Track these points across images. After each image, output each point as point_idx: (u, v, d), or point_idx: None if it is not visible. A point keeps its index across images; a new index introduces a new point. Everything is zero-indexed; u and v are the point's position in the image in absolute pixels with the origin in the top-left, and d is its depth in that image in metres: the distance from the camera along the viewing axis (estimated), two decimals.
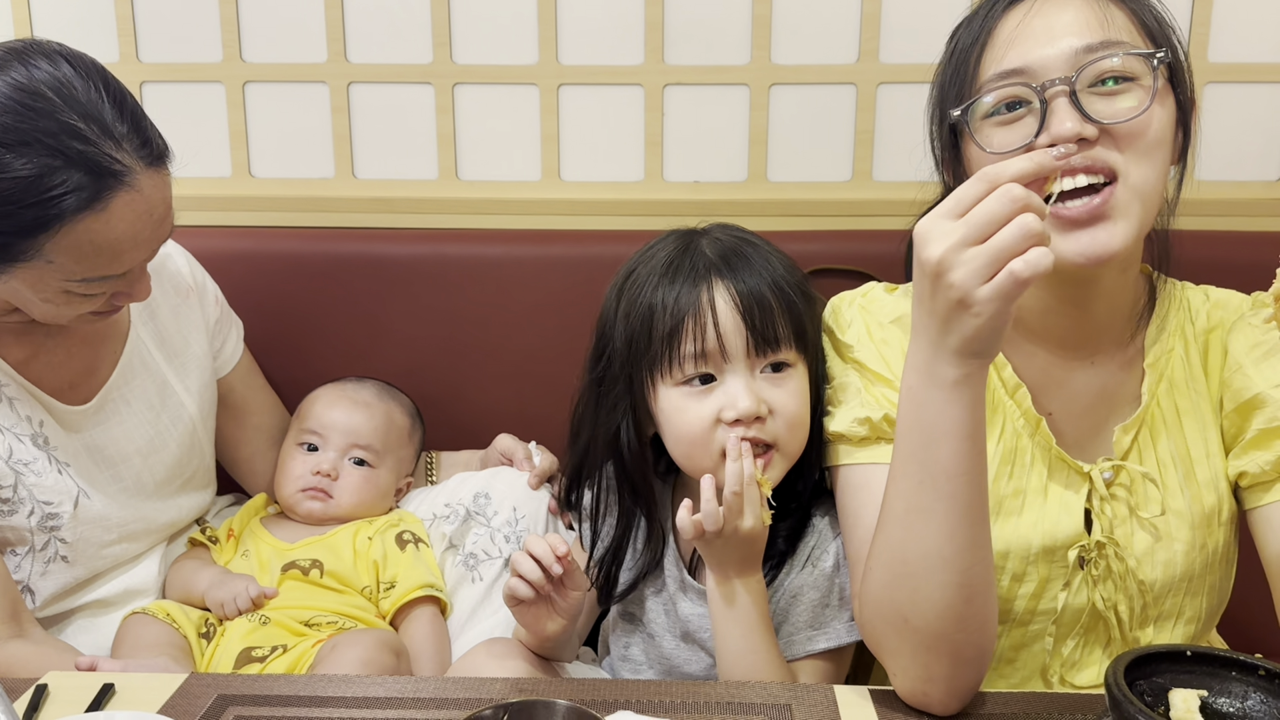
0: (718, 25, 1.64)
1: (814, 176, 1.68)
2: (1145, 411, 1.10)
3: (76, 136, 1.11)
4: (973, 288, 0.85)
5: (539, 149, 1.69)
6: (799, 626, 1.15)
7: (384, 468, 1.47)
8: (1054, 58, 0.98)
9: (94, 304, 1.21)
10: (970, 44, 1.04)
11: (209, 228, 1.67)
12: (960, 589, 0.93)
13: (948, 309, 0.87)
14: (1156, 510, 1.08)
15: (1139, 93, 0.99)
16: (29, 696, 1.01)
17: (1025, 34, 1.00)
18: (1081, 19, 1.00)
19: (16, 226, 1.11)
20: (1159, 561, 1.08)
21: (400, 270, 1.62)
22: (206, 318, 1.48)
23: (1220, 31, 1.61)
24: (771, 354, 1.12)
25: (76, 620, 1.33)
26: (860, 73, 1.64)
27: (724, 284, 1.12)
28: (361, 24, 1.66)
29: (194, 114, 1.70)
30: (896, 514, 0.96)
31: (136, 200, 1.15)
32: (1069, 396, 1.10)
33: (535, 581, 1.08)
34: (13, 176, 1.09)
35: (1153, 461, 1.09)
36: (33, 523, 1.26)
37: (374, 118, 1.70)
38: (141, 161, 1.15)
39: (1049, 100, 0.98)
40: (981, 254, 0.85)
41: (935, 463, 0.92)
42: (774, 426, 1.11)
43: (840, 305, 1.17)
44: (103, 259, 1.15)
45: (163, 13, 1.67)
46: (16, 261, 1.14)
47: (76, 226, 1.12)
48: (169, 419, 1.40)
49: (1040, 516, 1.08)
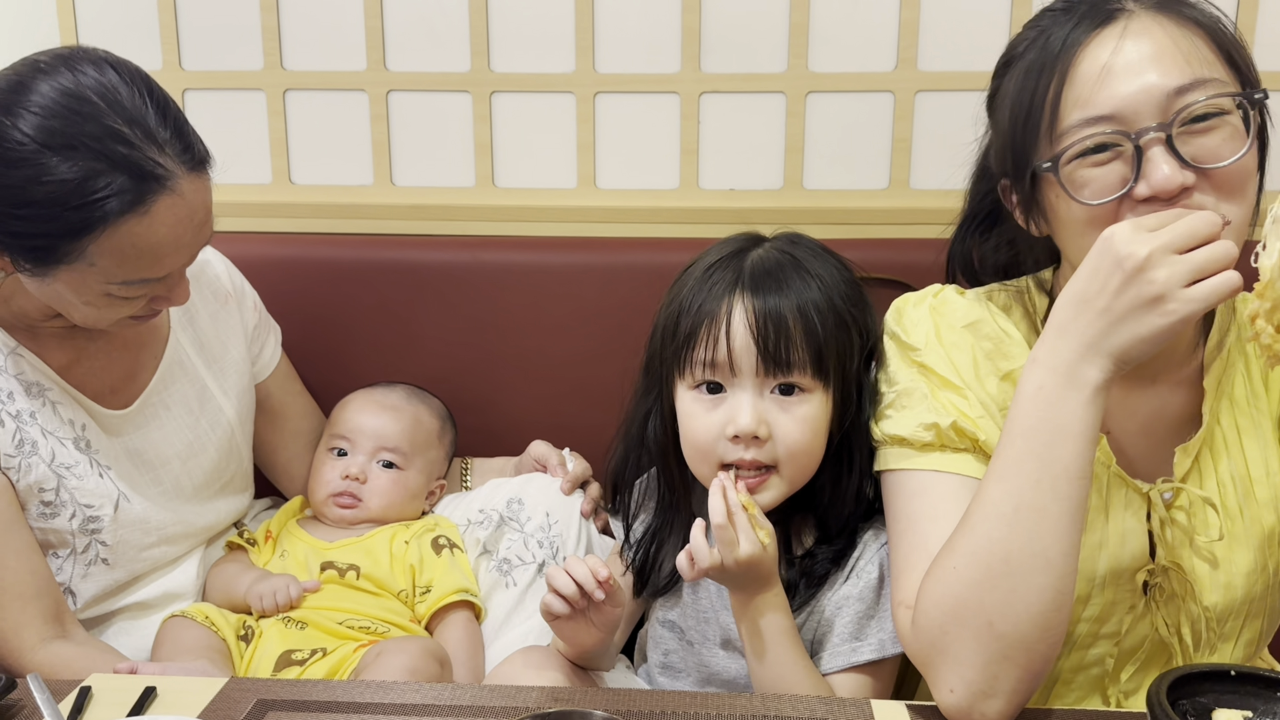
0: (754, 33, 1.64)
1: (850, 184, 1.68)
2: (1206, 432, 1.08)
3: (121, 141, 1.12)
4: (1174, 287, 0.89)
5: (575, 157, 1.70)
6: (843, 638, 1.15)
7: (413, 469, 1.48)
8: (1144, 101, 0.96)
9: (133, 307, 1.22)
10: (1046, 74, 1.00)
11: (249, 234, 1.68)
12: (1056, 594, 0.94)
13: (1136, 305, 0.90)
14: (1215, 535, 1.06)
15: (1228, 128, 0.97)
16: (73, 699, 1.02)
17: (1110, 75, 0.97)
18: (1167, 54, 0.97)
19: (62, 229, 1.13)
20: (1219, 585, 1.07)
21: (437, 277, 1.63)
22: (245, 323, 1.49)
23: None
24: (782, 376, 1.11)
25: (117, 622, 1.34)
26: (898, 80, 1.63)
27: (746, 299, 1.12)
28: (401, 33, 1.68)
29: (235, 121, 1.72)
30: (1003, 512, 0.95)
31: (178, 204, 1.17)
32: (1128, 415, 1.09)
33: (571, 599, 1.09)
34: (59, 179, 1.11)
35: (1213, 483, 1.08)
36: (74, 525, 1.28)
37: (412, 125, 1.71)
38: (184, 166, 1.17)
39: (1144, 149, 0.96)
40: (1189, 260, 0.89)
41: (1057, 462, 0.93)
42: (774, 449, 1.11)
43: (905, 306, 1.15)
44: (144, 262, 1.17)
45: (205, 21, 1.69)
46: (60, 263, 1.15)
47: (119, 229, 1.14)
48: (208, 423, 1.42)
49: (1103, 538, 1.06)
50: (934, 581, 0.98)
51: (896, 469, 1.10)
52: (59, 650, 1.23)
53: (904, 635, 1.03)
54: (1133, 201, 0.97)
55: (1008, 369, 1.09)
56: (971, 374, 1.09)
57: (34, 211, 1.12)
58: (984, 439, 1.06)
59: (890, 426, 1.11)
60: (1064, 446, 0.93)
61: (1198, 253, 0.90)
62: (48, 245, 1.14)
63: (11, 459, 1.24)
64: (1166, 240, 0.90)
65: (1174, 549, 1.06)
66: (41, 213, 1.12)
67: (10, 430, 1.24)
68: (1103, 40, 0.98)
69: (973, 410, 1.07)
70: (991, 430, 1.05)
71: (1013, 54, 1.06)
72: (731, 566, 1.06)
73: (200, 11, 1.69)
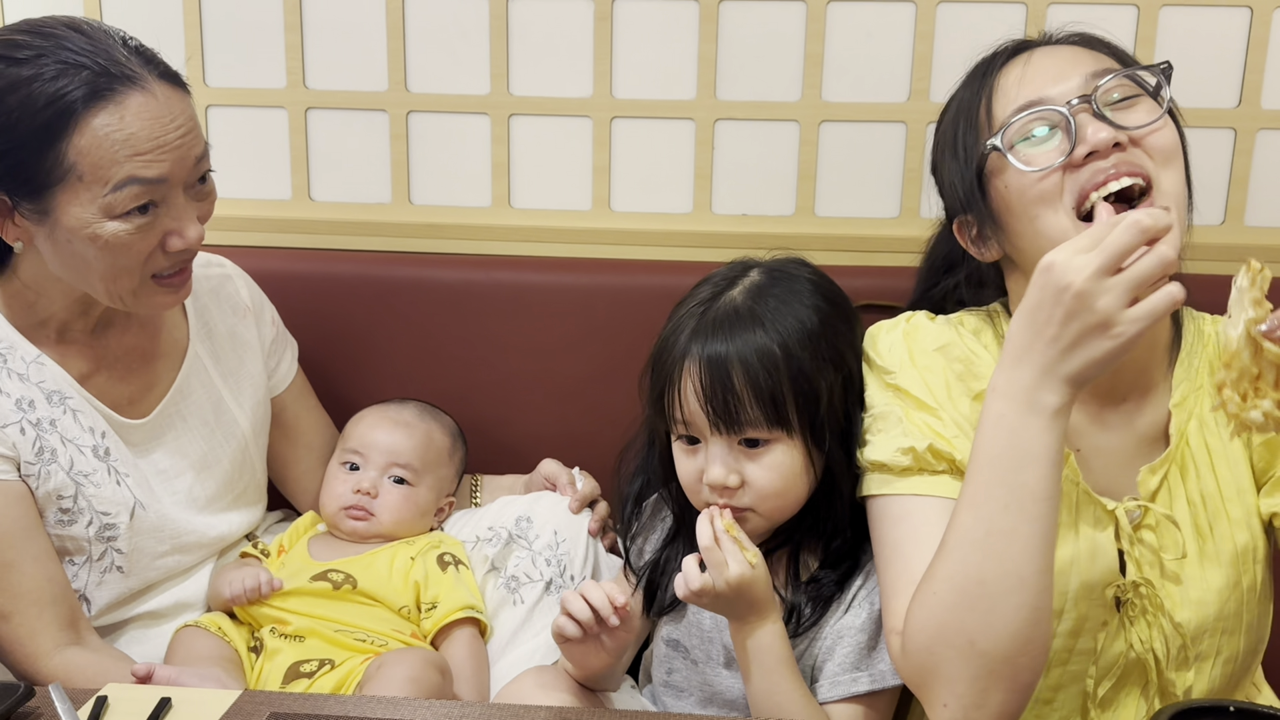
0: (770, 63, 1.66)
1: (862, 212, 1.70)
2: (1174, 452, 1.10)
3: (84, 51, 1.18)
4: (1116, 311, 0.91)
5: (591, 179, 1.72)
6: (843, 668, 1.16)
7: (423, 486, 1.50)
8: (1065, 88, 1.06)
9: (146, 241, 1.22)
10: (974, 97, 1.11)
11: (268, 248, 1.71)
12: (1033, 611, 0.96)
13: (1083, 333, 0.92)
14: (1178, 553, 1.08)
15: (1146, 103, 1.07)
16: (90, 707, 1.04)
17: (1030, 77, 1.08)
18: (1078, 58, 1.08)
19: (37, 136, 1.16)
20: (1191, 602, 1.08)
21: (452, 295, 1.65)
22: (263, 338, 1.51)
23: (1274, 77, 1.61)
24: (737, 433, 1.14)
25: (129, 631, 1.36)
26: (911, 111, 1.66)
27: (694, 361, 1.14)
28: (422, 55, 1.70)
29: (257, 137, 1.75)
30: (975, 537, 0.97)
31: (150, 103, 1.19)
32: (1096, 434, 1.11)
33: (585, 623, 1.11)
34: (25, 90, 1.16)
35: (1182, 501, 1.10)
36: (91, 533, 1.30)
37: (431, 146, 1.74)
38: (152, 72, 1.21)
39: (1075, 115, 1.04)
40: (1123, 281, 0.91)
41: (1024, 486, 0.95)
42: (747, 497, 1.14)
43: (879, 333, 1.18)
44: (123, 154, 1.17)
45: (230, 40, 1.72)
46: (53, 186, 1.17)
47: (92, 122, 1.16)
48: (223, 435, 1.44)
49: (1075, 554, 1.09)
50: (917, 606, 1.01)
51: (878, 494, 1.12)
52: (74, 657, 1.24)
53: (896, 661, 1.06)
54: (1075, 167, 1.04)
55: (979, 389, 1.12)
56: (944, 394, 1.12)
57: (7, 123, 1.16)
58: (960, 458, 1.08)
59: (869, 452, 1.13)
60: (1029, 471, 0.95)
61: (1132, 270, 0.91)
62: (32, 163, 1.16)
63: (32, 466, 1.26)
64: (1100, 263, 0.91)
65: (1143, 566, 1.09)
66: (16, 125, 1.16)
67: (31, 438, 1.26)
68: (1016, 63, 1.11)
69: (947, 430, 1.10)
70: (966, 449, 1.06)
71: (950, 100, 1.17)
72: (723, 589, 1.08)
73: (225, 30, 1.71)
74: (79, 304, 1.31)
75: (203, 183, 1.27)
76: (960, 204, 1.13)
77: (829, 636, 1.18)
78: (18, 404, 1.26)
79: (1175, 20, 1.60)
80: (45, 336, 1.31)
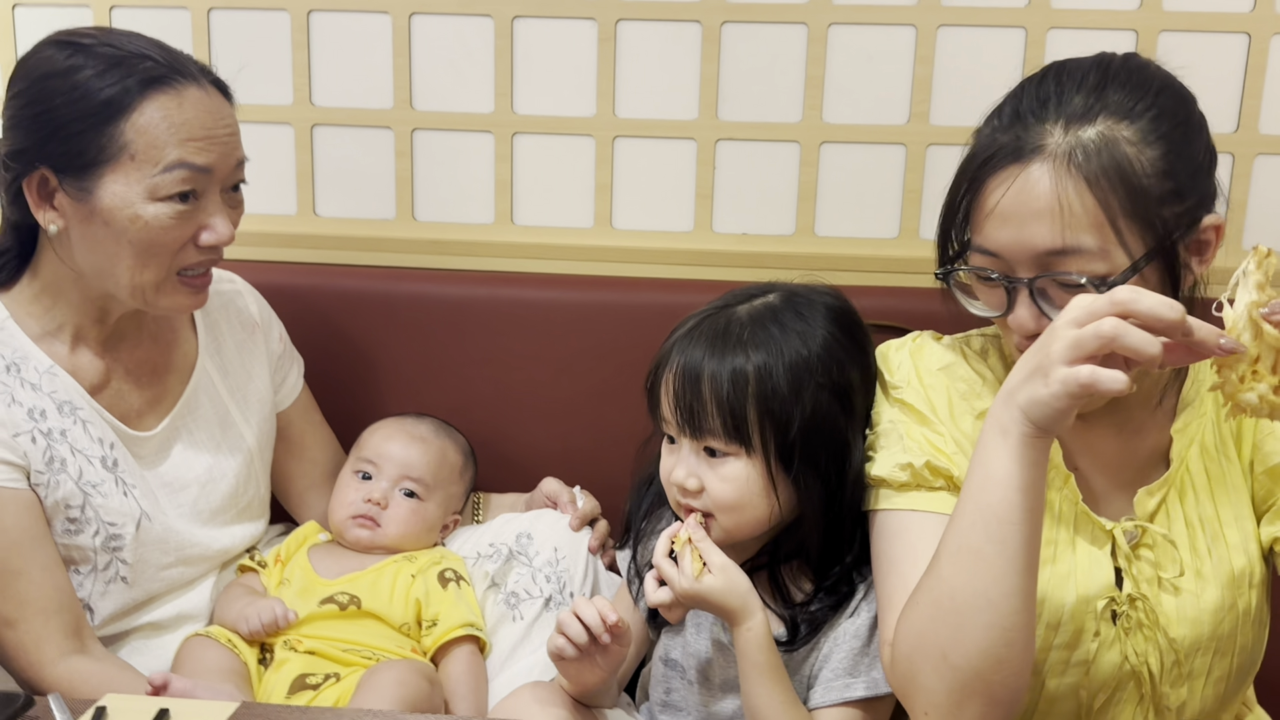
0: (771, 84, 1.68)
1: (861, 233, 1.71)
2: (1173, 475, 1.11)
3: (147, 45, 1.27)
4: (1055, 362, 0.90)
5: (593, 197, 1.74)
6: (837, 673, 1.17)
7: (432, 501, 1.51)
8: (1019, 252, 1.03)
9: (181, 228, 1.26)
10: (963, 184, 1.08)
11: (273, 263, 1.73)
12: (1003, 632, 0.96)
13: (1031, 370, 0.93)
14: (1175, 571, 1.09)
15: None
16: (89, 717, 1.05)
17: (1000, 215, 1.03)
18: (1048, 214, 1.01)
19: (99, 114, 1.22)
20: (1186, 619, 1.09)
21: (455, 311, 1.67)
22: (270, 353, 1.53)
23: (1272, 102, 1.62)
24: (698, 439, 1.17)
25: (131, 641, 1.37)
26: (910, 133, 1.67)
27: (675, 365, 1.18)
28: (427, 73, 1.72)
29: (263, 153, 1.75)
30: (949, 552, 0.99)
31: (205, 98, 1.27)
32: (1096, 455, 1.13)
33: (580, 644, 1.13)
34: (91, 69, 1.23)
35: (1180, 524, 1.11)
36: (97, 542, 1.31)
37: (436, 163, 1.75)
38: (206, 77, 1.29)
39: (1014, 292, 1.04)
40: (1072, 337, 0.89)
41: (988, 507, 0.96)
42: (707, 501, 1.17)
43: (889, 351, 1.21)
44: (178, 136, 1.24)
45: (237, 57, 1.73)
46: (104, 164, 1.23)
47: (152, 104, 1.23)
48: (228, 450, 1.45)
49: (1072, 568, 1.10)
50: (902, 617, 1.03)
51: (879, 509, 1.14)
52: (78, 665, 1.26)
53: (886, 670, 1.08)
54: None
55: (982, 408, 1.13)
56: (947, 411, 1.14)
57: (70, 99, 1.22)
58: (958, 475, 1.10)
59: (872, 468, 1.15)
60: (993, 493, 0.95)
61: (1082, 331, 0.89)
62: (89, 138, 1.22)
63: (41, 475, 1.27)
64: (1077, 314, 0.90)
65: (1140, 582, 1.10)
66: (79, 100, 1.22)
67: (41, 447, 1.27)
68: (1001, 180, 1.04)
69: (947, 447, 1.12)
70: (965, 466, 1.07)
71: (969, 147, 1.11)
72: (681, 598, 1.12)
73: (233, 48, 1.74)
74: (96, 308, 1.33)
75: (235, 190, 1.33)
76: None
77: (826, 643, 1.19)
78: (29, 413, 1.28)
79: (1174, 44, 1.61)
80: (59, 345, 1.33)
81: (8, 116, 1.27)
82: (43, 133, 1.24)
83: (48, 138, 1.23)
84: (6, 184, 1.28)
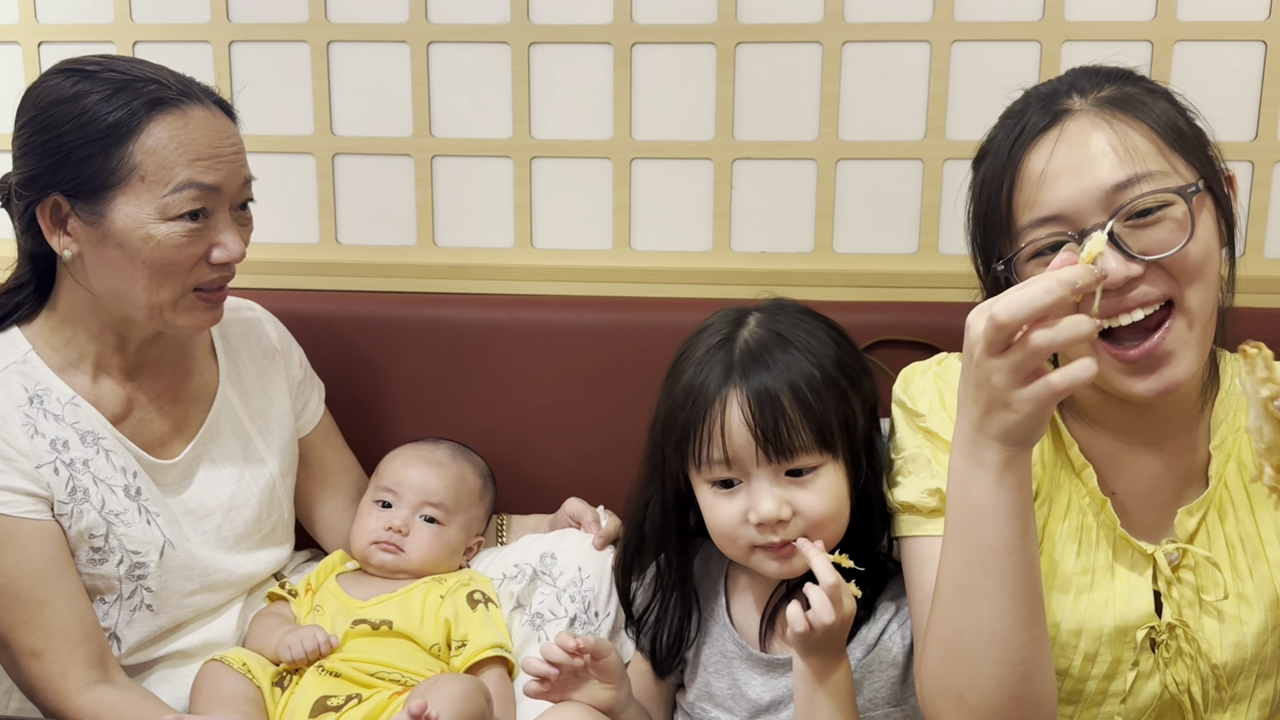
0: (787, 102, 1.68)
1: (880, 249, 1.71)
2: (1212, 493, 1.09)
3: (150, 71, 1.29)
4: (1008, 391, 0.88)
5: (611, 219, 1.75)
6: (875, 703, 1.15)
7: (454, 526, 1.51)
8: (1085, 200, 0.99)
9: (194, 246, 1.27)
10: (998, 179, 1.04)
11: (296, 290, 1.75)
12: (1015, 666, 0.94)
13: (991, 404, 0.90)
14: (1220, 594, 1.07)
15: (1172, 220, 0.99)
16: None
17: (1054, 173, 1.00)
18: (1103, 154, 1.00)
19: (108, 137, 1.24)
20: (1229, 644, 1.07)
21: (476, 334, 1.68)
22: (291, 379, 1.54)
23: None
24: (787, 462, 1.12)
25: (158, 670, 1.37)
26: (927, 149, 1.67)
27: (739, 393, 1.12)
28: (446, 100, 1.74)
29: (286, 182, 1.79)
30: (948, 592, 0.97)
31: (210, 118, 1.29)
32: (1133, 478, 1.11)
33: (547, 676, 1.15)
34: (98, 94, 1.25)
35: (1220, 544, 1.09)
36: (121, 571, 1.31)
37: (455, 189, 1.77)
38: (210, 98, 1.31)
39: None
40: (1007, 364, 0.88)
41: (981, 541, 0.93)
42: (799, 526, 1.13)
43: (912, 375, 1.18)
44: (187, 156, 1.25)
45: (259, 87, 1.76)
46: (114, 186, 1.24)
47: (160, 125, 1.25)
48: (251, 476, 1.45)
49: (1110, 596, 1.08)
50: (919, 657, 1.02)
51: (909, 535, 1.12)
52: (102, 695, 1.26)
53: (920, 704, 1.05)
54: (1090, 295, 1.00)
55: None
56: None
57: (79, 124, 1.23)
58: None
59: (900, 494, 1.14)
60: (983, 527, 0.93)
61: (1008, 356, 0.87)
62: (99, 162, 1.24)
63: (65, 505, 1.28)
64: (983, 347, 0.89)
65: (1181, 608, 1.07)
66: (87, 125, 1.24)
67: (64, 478, 1.28)
68: (1043, 145, 1.02)
69: None
70: None
71: (984, 151, 1.09)
72: (836, 624, 1.05)
73: (254, 77, 1.76)
74: (115, 335, 1.34)
75: (244, 209, 1.35)
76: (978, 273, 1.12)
77: (860, 668, 1.17)
78: (52, 444, 1.29)
79: (1190, 54, 1.61)
80: (81, 375, 1.34)
81: (18, 145, 1.29)
82: (53, 159, 1.25)
83: (58, 164, 1.25)
84: (20, 212, 1.29)
